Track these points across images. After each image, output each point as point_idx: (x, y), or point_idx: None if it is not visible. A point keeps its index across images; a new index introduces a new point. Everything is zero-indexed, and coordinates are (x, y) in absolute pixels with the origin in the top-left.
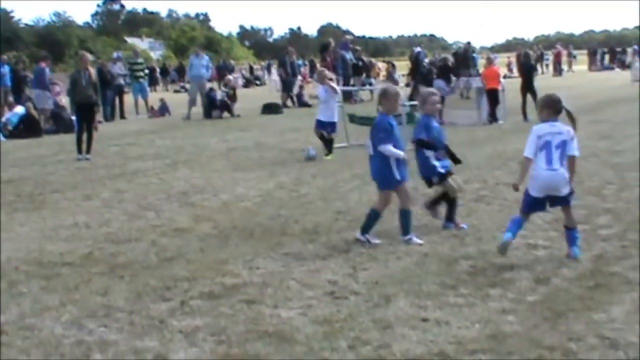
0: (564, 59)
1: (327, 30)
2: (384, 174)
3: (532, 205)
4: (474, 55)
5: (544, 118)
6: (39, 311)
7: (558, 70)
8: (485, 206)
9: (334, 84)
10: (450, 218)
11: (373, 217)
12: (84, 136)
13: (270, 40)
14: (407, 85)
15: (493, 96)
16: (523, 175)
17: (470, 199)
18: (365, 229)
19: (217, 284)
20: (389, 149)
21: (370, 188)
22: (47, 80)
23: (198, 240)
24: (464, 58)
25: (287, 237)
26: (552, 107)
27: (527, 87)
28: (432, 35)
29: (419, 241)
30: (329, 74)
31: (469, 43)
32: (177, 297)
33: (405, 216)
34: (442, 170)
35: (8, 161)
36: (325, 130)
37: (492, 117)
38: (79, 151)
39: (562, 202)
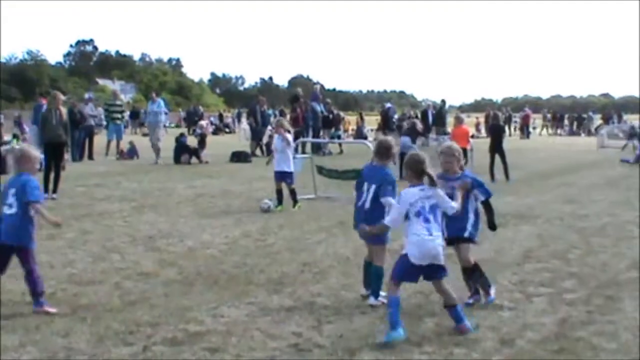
0: (540, 122)
1: (298, 81)
2: None
3: (408, 273)
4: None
5: (409, 181)
6: None
7: (525, 133)
8: (452, 264)
9: (288, 136)
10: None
11: (380, 275)
12: (51, 175)
13: (241, 88)
14: (376, 140)
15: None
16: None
17: None
18: (377, 292)
19: (180, 331)
20: (394, 203)
21: (337, 240)
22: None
23: (162, 285)
24: (439, 116)
25: (252, 287)
26: (412, 169)
27: (496, 147)
28: (401, 92)
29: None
30: (287, 124)
31: (443, 101)
32: (139, 342)
33: (380, 276)
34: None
35: None
36: (284, 181)
37: None
38: (45, 190)
39: (439, 273)
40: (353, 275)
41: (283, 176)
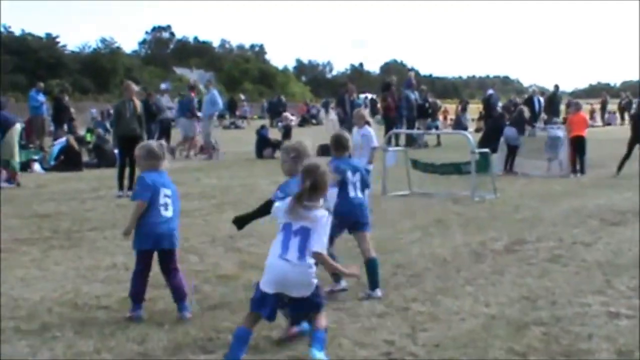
0: None
1: (391, 67)
2: None
3: (259, 303)
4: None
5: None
6: (72, 357)
7: None
8: (561, 267)
9: (370, 130)
10: None
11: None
12: (126, 171)
13: (329, 76)
14: (478, 130)
15: (579, 144)
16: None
17: (544, 259)
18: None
19: (263, 338)
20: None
21: (433, 240)
22: (194, 110)
23: (244, 289)
24: (551, 103)
25: (341, 291)
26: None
27: (638, 138)
28: (506, 77)
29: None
30: (367, 115)
31: (557, 87)
32: (219, 350)
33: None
34: None
35: (45, 195)
36: None
37: (580, 169)
38: (120, 187)
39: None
40: (451, 278)
41: None
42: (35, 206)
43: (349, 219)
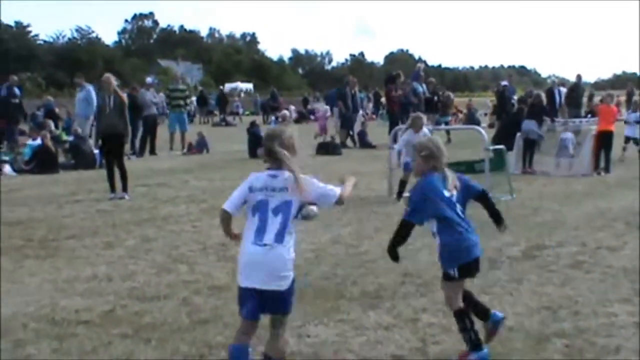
0: None
1: (396, 57)
2: None
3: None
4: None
5: None
6: None
7: None
8: (584, 274)
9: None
10: None
11: None
12: (112, 171)
13: (328, 67)
14: (491, 125)
15: (607, 140)
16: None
17: (566, 265)
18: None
19: (259, 353)
20: None
21: None
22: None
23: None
24: (573, 94)
25: (344, 301)
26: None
27: None
28: (522, 67)
29: None
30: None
31: (579, 76)
32: None
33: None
34: None
35: (18, 200)
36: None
37: (605, 167)
38: (112, 189)
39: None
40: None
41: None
42: (6, 212)
43: None
